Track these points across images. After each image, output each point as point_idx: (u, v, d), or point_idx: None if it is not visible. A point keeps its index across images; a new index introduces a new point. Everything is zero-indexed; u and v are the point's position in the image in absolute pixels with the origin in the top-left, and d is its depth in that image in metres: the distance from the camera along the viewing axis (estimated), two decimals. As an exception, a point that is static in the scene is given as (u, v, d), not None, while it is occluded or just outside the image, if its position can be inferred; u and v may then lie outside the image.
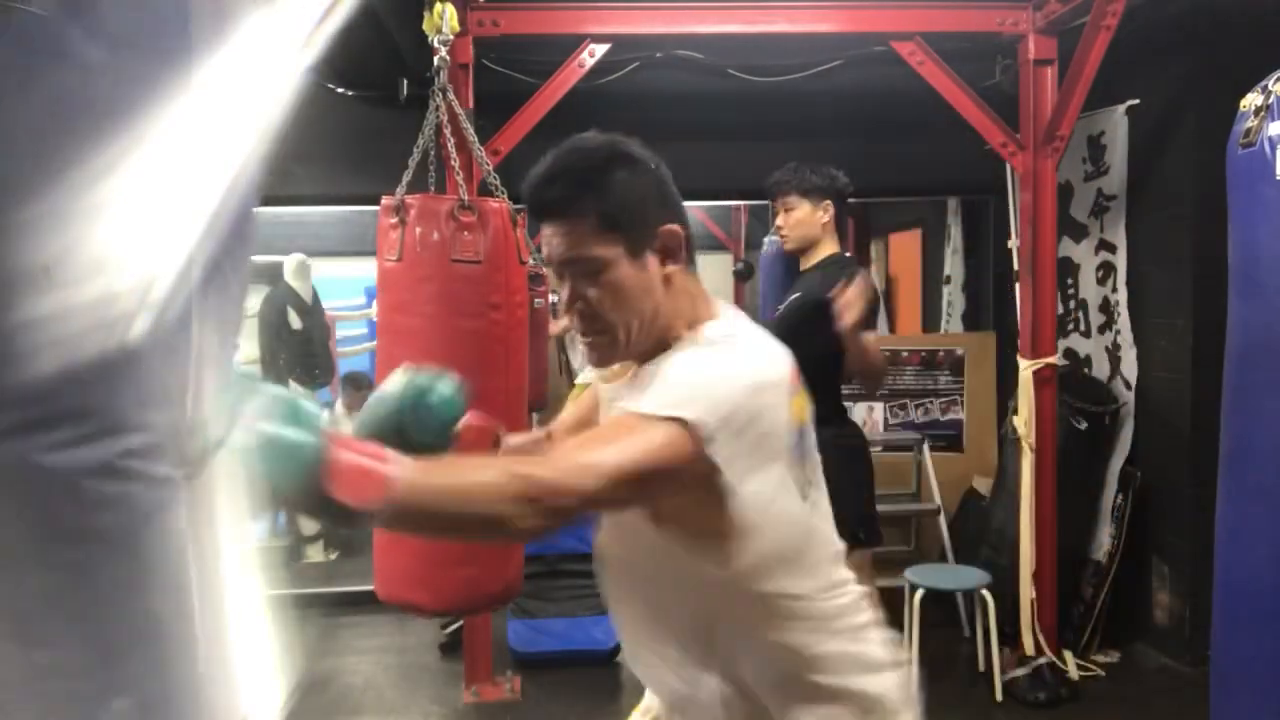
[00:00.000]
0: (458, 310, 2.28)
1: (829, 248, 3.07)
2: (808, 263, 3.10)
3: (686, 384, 1.18)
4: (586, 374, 5.72)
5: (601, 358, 1.31)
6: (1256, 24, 3.36)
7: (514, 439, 1.53)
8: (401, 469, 1.00)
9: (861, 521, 3.12)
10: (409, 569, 2.36)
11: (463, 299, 2.28)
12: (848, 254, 3.24)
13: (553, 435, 1.55)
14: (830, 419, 3.05)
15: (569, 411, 1.62)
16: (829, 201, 3.05)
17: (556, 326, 7.42)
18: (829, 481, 3.31)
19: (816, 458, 1.36)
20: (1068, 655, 3.84)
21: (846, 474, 3.09)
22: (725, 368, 1.22)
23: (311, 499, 0.97)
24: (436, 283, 2.28)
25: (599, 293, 1.24)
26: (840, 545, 1.39)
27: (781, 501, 1.24)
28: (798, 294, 3.03)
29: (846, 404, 3.26)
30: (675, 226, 1.29)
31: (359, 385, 6.51)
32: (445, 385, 1.32)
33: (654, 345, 1.28)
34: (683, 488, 1.17)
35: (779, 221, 3.09)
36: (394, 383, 1.32)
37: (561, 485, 1.08)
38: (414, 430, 1.27)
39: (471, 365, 2.32)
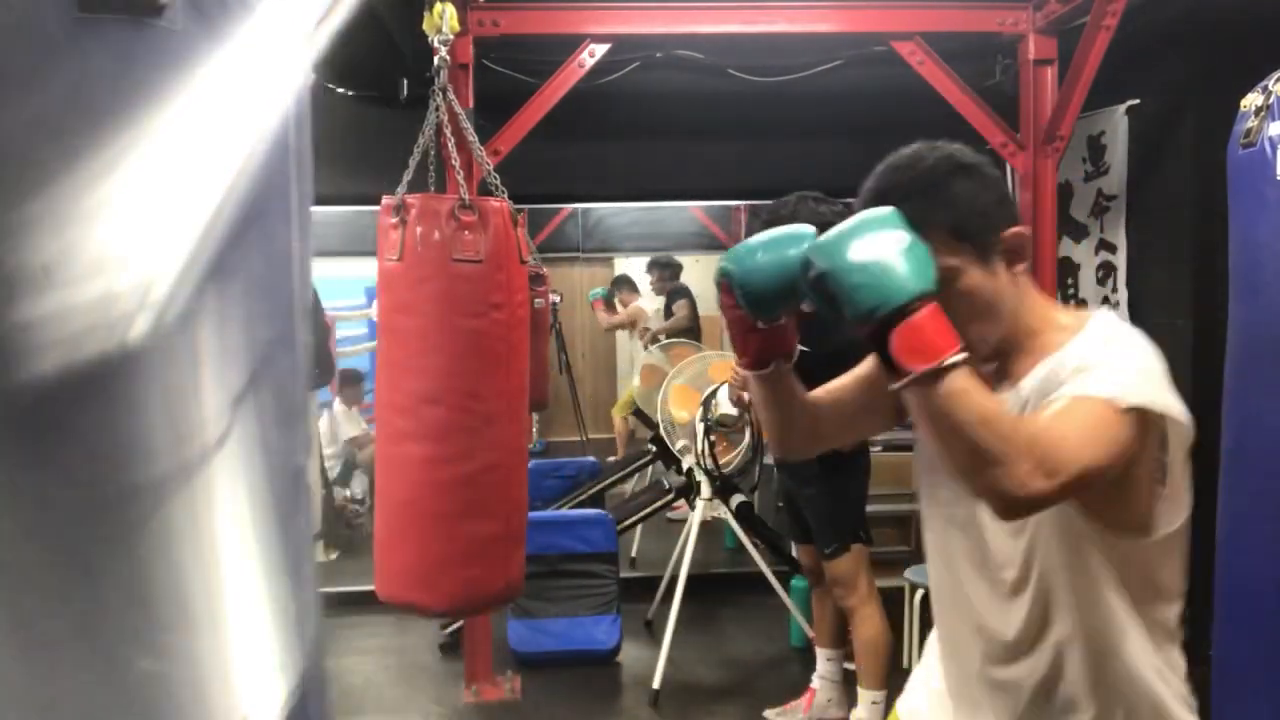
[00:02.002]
0: (459, 310, 2.28)
1: None
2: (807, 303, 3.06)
3: (1127, 368, 1.19)
4: (654, 354, 5.66)
5: None
6: (1256, 24, 3.36)
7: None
8: (964, 364, 1.05)
9: (862, 522, 3.15)
10: (409, 569, 2.35)
11: (464, 298, 2.28)
12: None
13: (820, 394, 1.52)
14: None
15: (834, 384, 1.54)
16: None
17: (607, 319, 7.34)
18: (846, 484, 3.31)
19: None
20: (1068, 655, 3.83)
21: (859, 477, 3.12)
22: (1145, 354, 1.24)
23: (875, 328, 1.06)
24: (438, 282, 2.28)
25: (953, 302, 1.20)
26: None
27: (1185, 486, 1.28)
28: (804, 349, 2.97)
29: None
30: (1019, 229, 1.29)
31: (354, 381, 6.52)
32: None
33: (1012, 346, 1.29)
34: (1135, 476, 1.19)
35: None
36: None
37: (1070, 460, 1.08)
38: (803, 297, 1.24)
39: (473, 365, 2.32)
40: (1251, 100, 2.01)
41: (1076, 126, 3.82)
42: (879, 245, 1.09)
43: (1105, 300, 4.24)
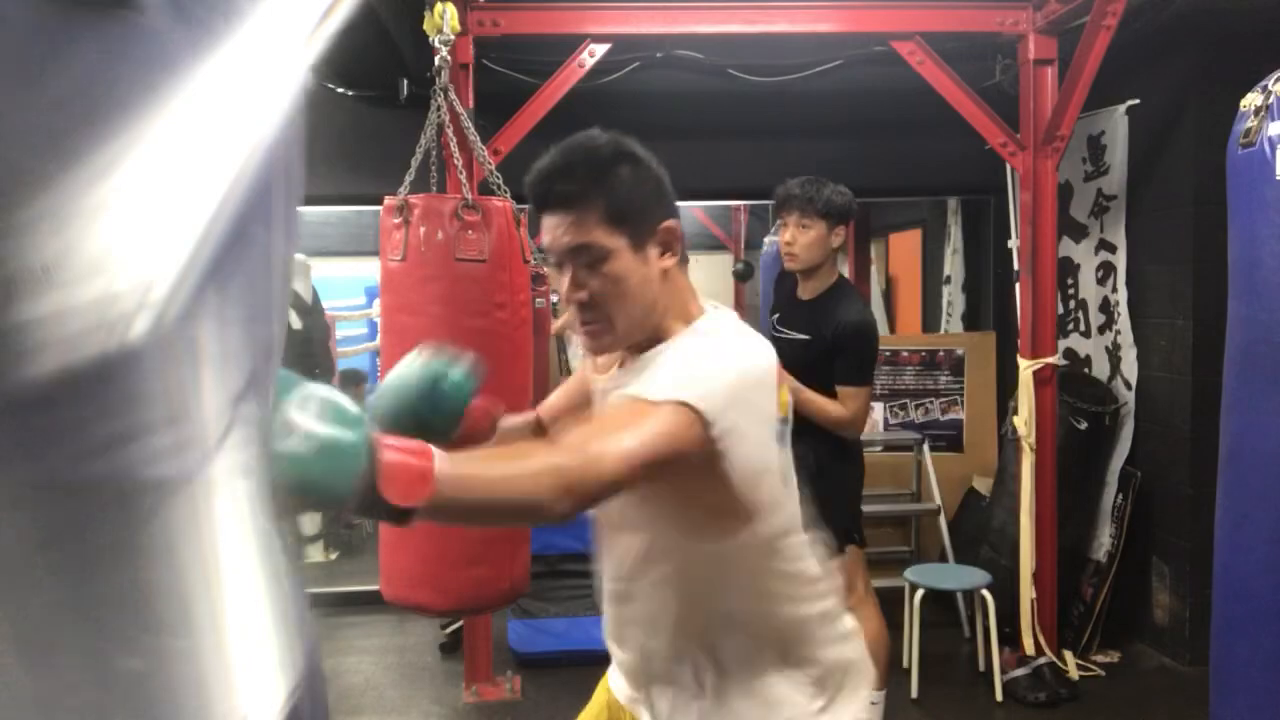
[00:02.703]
0: (463, 309, 2.28)
1: (830, 274, 3.01)
2: (810, 288, 3.04)
3: (688, 370, 1.25)
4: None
5: (599, 346, 1.38)
6: (1256, 24, 3.37)
7: (509, 420, 1.61)
8: (445, 465, 1.02)
9: (852, 520, 3.11)
10: (414, 569, 2.35)
11: (467, 298, 2.28)
12: (846, 278, 3.20)
13: (541, 418, 1.65)
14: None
15: (555, 396, 1.69)
16: (842, 227, 2.99)
17: (556, 325, 7.45)
18: (826, 479, 3.30)
19: (790, 450, 1.45)
20: (1068, 655, 3.84)
21: (841, 474, 3.08)
22: (721, 357, 1.30)
23: (361, 500, 0.97)
24: (441, 282, 2.28)
25: (601, 282, 1.30)
26: (807, 532, 1.49)
27: (770, 484, 1.34)
28: (806, 336, 2.97)
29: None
30: (674, 222, 1.36)
31: (356, 381, 6.52)
32: (459, 369, 1.39)
33: (649, 335, 1.35)
34: (688, 469, 1.22)
35: (787, 238, 2.98)
36: (410, 367, 1.39)
37: (589, 472, 1.13)
38: (430, 413, 1.35)
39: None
40: (1251, 100, 2.01)
41: (1076, 126, 3.82)
42: (309, 436, 0.94)
43: (1105, 300, 4.24)
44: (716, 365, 1.28)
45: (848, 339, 2.90)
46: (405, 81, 4.11)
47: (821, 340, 2.94)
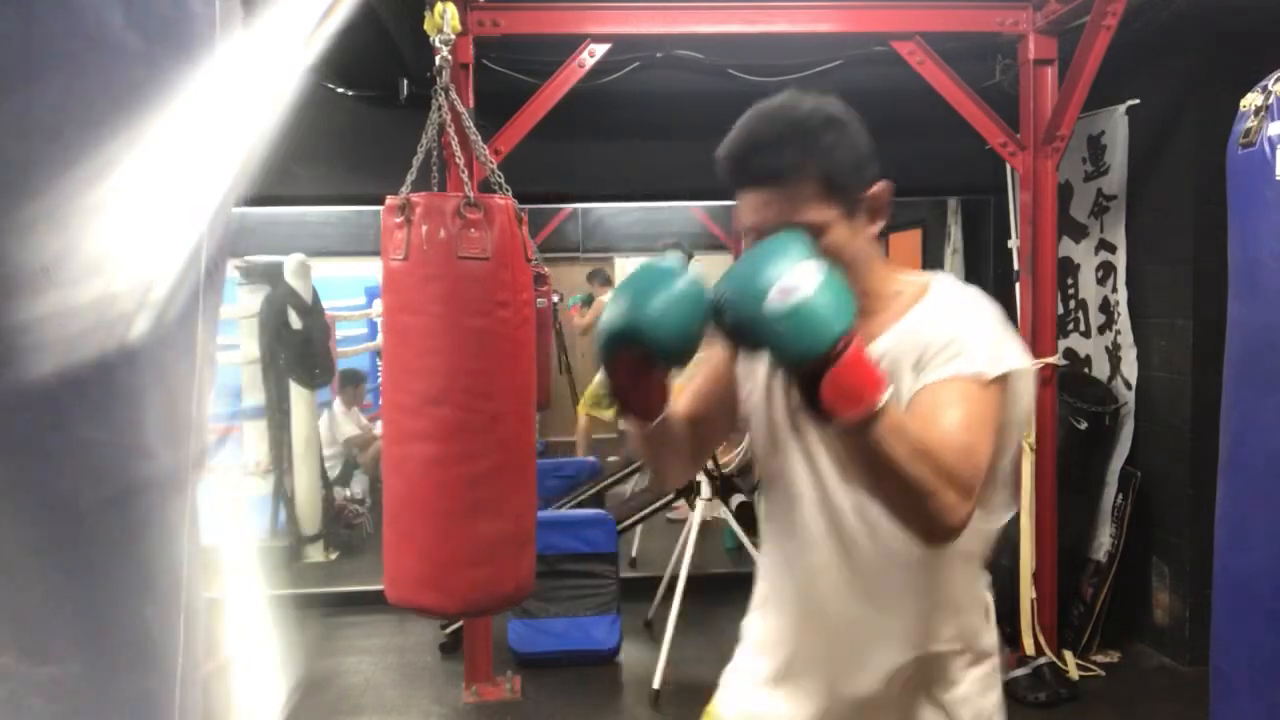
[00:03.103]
0: (465, 308, 2.27)
1: None
2: None
3: (989, 339, 1.21)
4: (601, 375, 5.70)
5: None
6: (1256, 24, 3.36)
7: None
8: (893, 400, 1.02)
9: None
10: (418, 571, 2.34)
11: (470, 297, 2.27)
12: None
13: (688, 416, 1.46)
14: None
15: (690, 393, 1.49)
16: None
17: (582, 322, 7.45)
18: None
19: None
20: (1068, 655, 3.84)
21: None
22: (998, 319, 1.26)
23: (804, 377, 1.01)
24: (443, 281, 2.27)
25: None
26: None
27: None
28: None
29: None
30: (884, 184, 1.26)
31: (356, 381, 6.52)
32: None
33: (866, 304, 1.25)
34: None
35: None
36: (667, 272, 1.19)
37: (976, 470, 1.10)
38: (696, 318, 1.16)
39: (480, 364, 2.31)
40: (1251, 100, 2.01)
41: (1076, 126, 3.82)
42: (794, 284, 1.02)
43: (1105, 300, 4.24)
44: (1003, 328, 1.24)
45: None
46: (405, 81, 4.11)
47: None
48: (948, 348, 1.19)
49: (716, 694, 1.54)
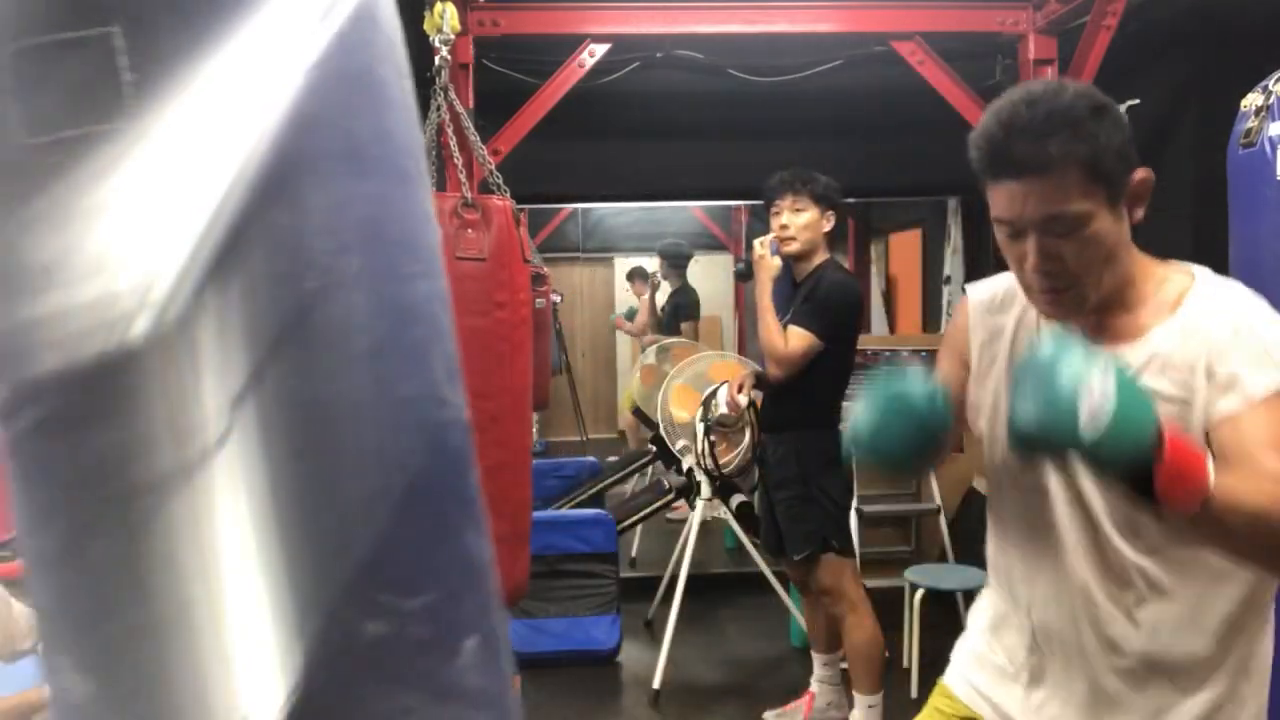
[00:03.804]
0: (462, 309, 2.25)
1: (823, 255, 3.09)
2: (801, 270, 3.10)
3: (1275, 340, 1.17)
4: (647, 356, 5.68)
5: (1067, 313, 1.25)
6: (1256, 24, 3.36)
7: None
8: (1213, 472, 1.01)
9: (834, 528, 3.10)
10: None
11: (467, 297, 2.27)
12: (838, 259, 3.25)
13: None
14: (824, 422, 3.06)
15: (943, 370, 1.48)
16: (833, 212, 3.07)
17: (637, 329, 7.47)
18: (809, 484, 3.32)
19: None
20: (1068, 655, 3.83)
21: (825, 479, 3.08)
22: (1274, 314, 1.21)
23: (1134, 476, 1.00)
24: (441, 281, 2.27)
25: (1077, 248, 1.17)
26: None
27: None
28: (807, 306, 3.04)
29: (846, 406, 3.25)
30: (1146, 172, 1.22)
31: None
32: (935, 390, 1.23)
33: (1120, 297, 1.24)
34: None
35: (785, 221, 3.06)
36: (900, 389, 1.22)
37: None
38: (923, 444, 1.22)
39: (477, 364, 2.31)
40: (1251, 100, 2.01)
41: (1076, 126, 3.82)
42: (1097, 402, 0.99)
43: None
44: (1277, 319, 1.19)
45: (820, 291, 2.97)
46: (405, 81, 4.10)
47: (814, 307, 3.00)
48: (1241, 351, 1.16)
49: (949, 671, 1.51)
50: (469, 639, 0.76)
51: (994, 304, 1.41)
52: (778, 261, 3.06)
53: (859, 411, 1.22)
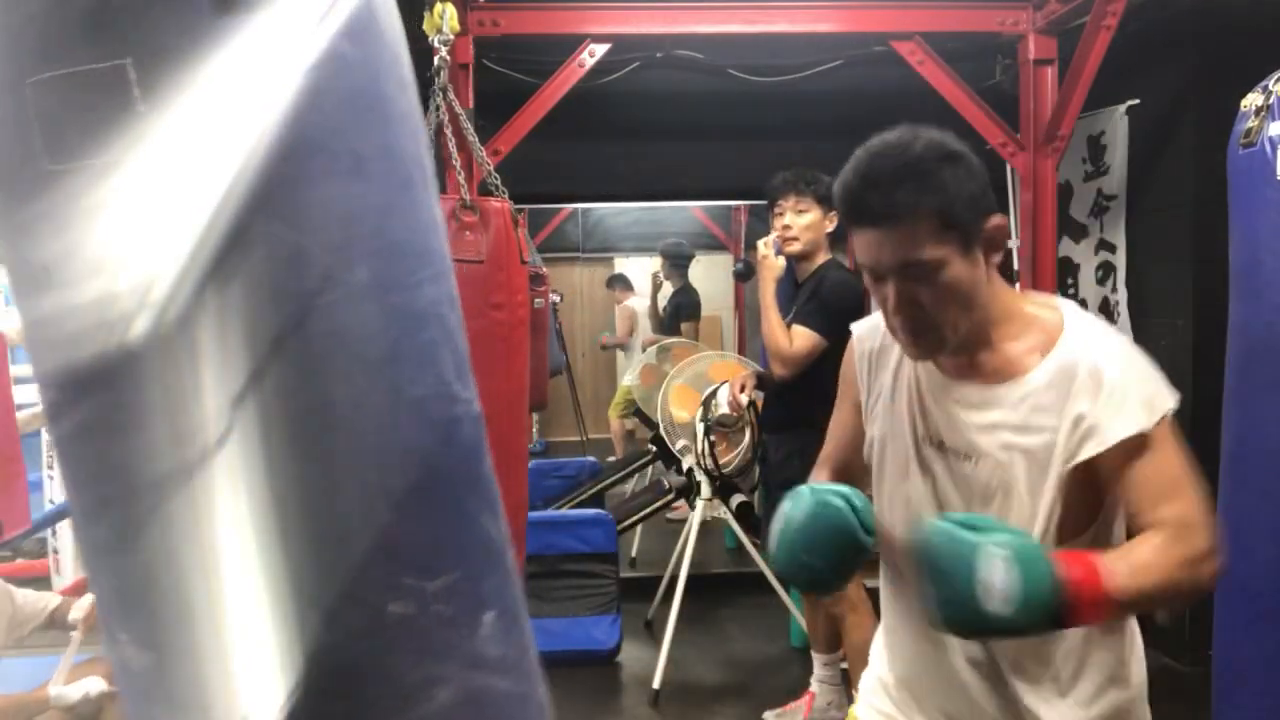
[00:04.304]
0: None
1: (825, 255, 3.09)
2: (806, 270, 3.10)
3: (1147, 372, 1.27)
4: (629, 378, 5.71)
5: (926, 355, 1.32)
6: (1256, 24, 3.36)
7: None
8: (1112, 577, 1.11)
9: None
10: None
11: (465, 299, 2.28)
12: (840, 259, 3.25)
13: (821, 475, 1.57)
14: (827, 421, 3.05)
15: (833, 444, 1.60)
16: (835, 212, 3.07)
17: (616, 339, 7.48)
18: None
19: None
20: (1068, 655, 3.83)
21: None
22: (1139, 356, 1.30)
23: (1048, 616, 1.07)
24: (438, 283, 2.28)
25: (933, 293, 1.23)
26: None
27: None
28: (810, 304, 3.04)
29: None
30: (1000, 218, 1.27)
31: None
32: (856, 494, 1.28)
33: (981, 338, 1.30)
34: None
35: (788, 221, 3.06)
36: (823, 509, 1.26)
37: (1204, 529, 1.20)
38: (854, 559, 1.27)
39: (474, 366, 2.32)
40: (1251, 100, 2.01)
41: (1076, 126, 3.82)
42: (999, 582, 1.06)
43: (1105, 300, 4.24)
44: (1141, 360, 1.28)
45: (824, 290, 2.97)
46: (405, 81, 4.10)
47: (816, 306, 3.00)
48: (1105, 405, 1.23)
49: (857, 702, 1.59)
50: (488, 613, 0.82)
51: (878, 344, 1.46)
52: (781, 262, 3.06)
53: (782, 528, 1.26)
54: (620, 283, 7.69)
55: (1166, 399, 1.25)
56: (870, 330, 1.47)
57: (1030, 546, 1.09)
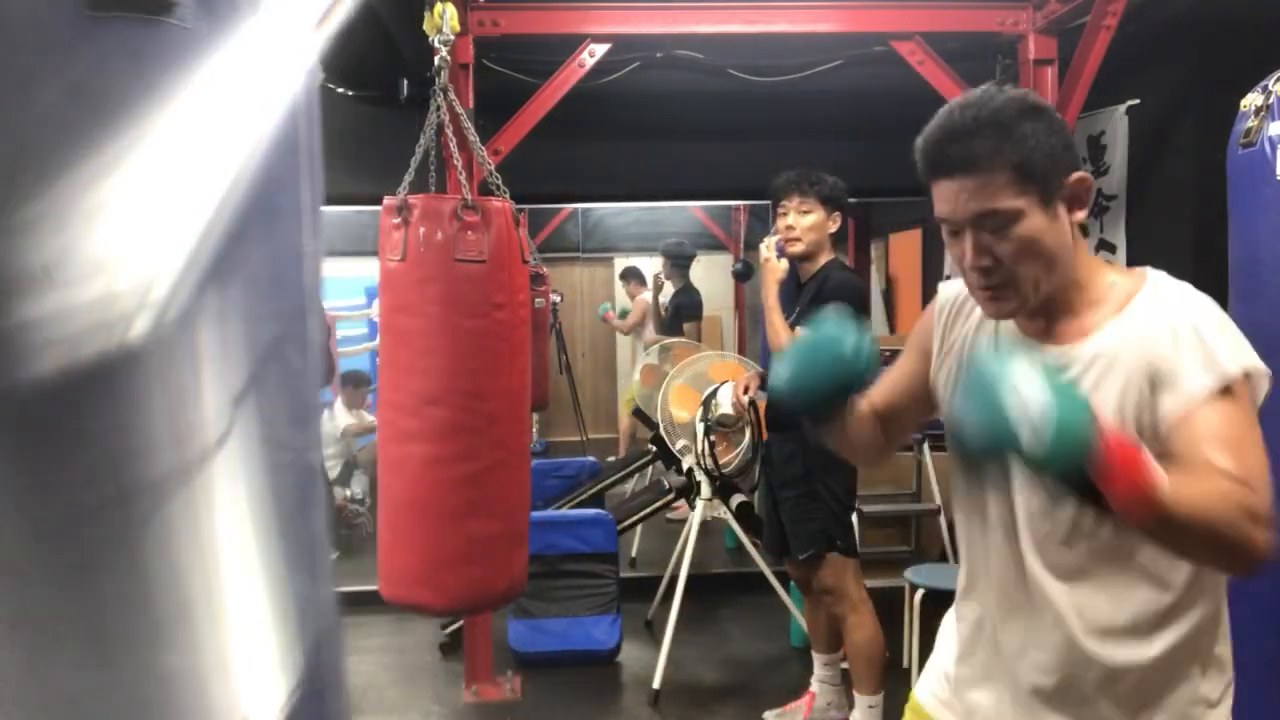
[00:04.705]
0: (461, 310, 2.28)
1: (828, 255, 3.08)
2: (809, 270, 3.10)
3: (1233, 338, 1.22)
4: (649, 355, 5.67)
5: (1004, 310, 1.29)
6: (1256, 24, 3.36)
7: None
8: (1156, 471, 1.02)
9: (838, 527, 3.10)
10: (413, 569, 2.35)
11: (467, 298, 2.28)
12: (842, 259, 3.25)
13: (876, 408, 1.50)
14: None
15: (888, 383, 1.52)
16: (839, 213, 3.06)
17: (625, 326, 7.46)
18: (812, 483, 3.34)
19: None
20: (1068, 655, 3.83)
21: (829, 479, 3.08)
22: (1221, 314, 1.26)
23: (1075, 478, 1.01)
24: (440, 283, 2.28)
25: (1010, 246, 1.21)
26: None
27: None
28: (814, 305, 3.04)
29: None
30: (1083, 174, 1.26)
31: (358, 383, 6.52)
32: (865, 333, 1.32)
33: (1064, 296, 1.27)
34: None
35: (790, 222, 3.05)
36: (823, 333, 1.34)
37: (1263, 498, 1.09)
38: (847, 383, 1.32)
39: (476, 365, 2.32)
40: (1251, 100, 2.01)
41: (1076, 126, 3.82)
42: (1035, 410, 1.00)
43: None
44: (1224, 319, 1.24)
45: (827, 290, 2.97)
46: (405, 81, 4.11)
47: (820, 307, 2.99)
48: (1182, 352, 1.18)
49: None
50: (293, 687, 0.74)
51: (959, 302, 1.44)
52: (784, 264, 3.06)
53: (789, 349, 1.33)
54: (634, 276, 7.67)
55: (1248, 355, 1.19)
56: (956, 289, 1.46)
57: (1074, 390, 1.05)
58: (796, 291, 3.12)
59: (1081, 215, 1.27)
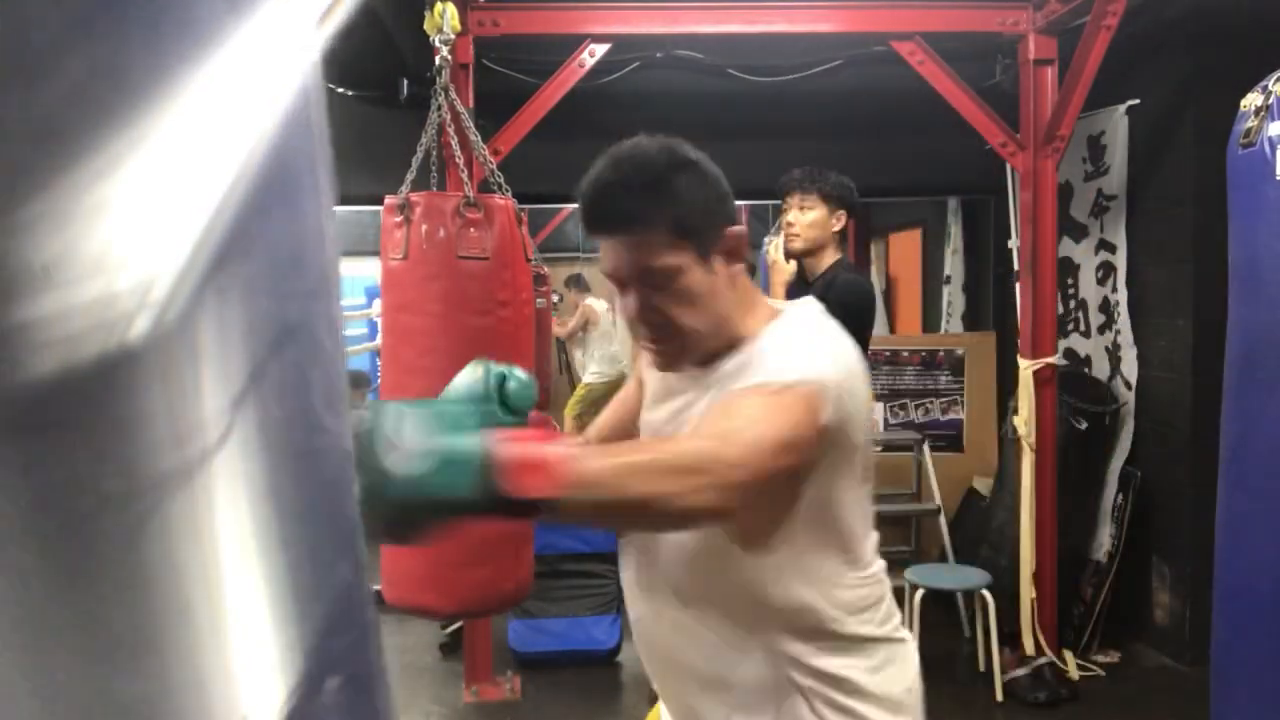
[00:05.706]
0: (465, 308, 2.27)
1: (834, 255, 3.07)
2: (814, 269, 3.10)
3: (800, 353, 1.18)
4: (589, 375, 5.71)
5: (669, 363, 1.29)
6: (1256, 24, 3.36)
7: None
8: (570, 451, 0.95)
9: None
10: (418, 571, 2.34)
11: (470, 296, 2.27)
12: (849, 260, 3.24)
13: (590, 441, 1.46)
14: None
15: (606, 416, 1.54)
16: (844, 212, 3.05)
17: (565, 329, 7.50)
18: None
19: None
20: (1068, 655, 3.84)
21: None
22: (826, 342, 1.23)
23: (488, 502, 0.91)
24: (443, 280, 2.27)
25: (670, 301, 1.21)
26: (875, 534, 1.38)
27: (851, 483, 1.25)
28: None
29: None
30: (738, 228, 1.26)
31: (359, 384, 6.53)
32: (521, 374, 1.25)
33: (724, 345, 1.26)
34: (811, 456, 1.14)
35: (790, 219, 3.06)
36: (471, 375, 1.26)
37: (734, 458, 1.04)
38: (494, 419, 1.18)
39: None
40: (1251, 100, 2.01)
41: (1076, 126, 3.82)
42: (419, 455, 0.90)
43: (1105, 300, 4.24)
44: (823, 349, 1.20)
45: (834, 290, 2.96)
46: (405, 81, 4.11)
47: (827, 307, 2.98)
48: (742, 373, 1.18)
49: None
50: (331, 679, 0.72)
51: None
52: (792, 266, 3.05)
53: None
54: (577, 284, 7.75)
55: (809, 370, 1.14)
56: None
57: (453, 405, 0.99)
58: (804, 291, 3.12)
59: (739, 267, 1.26)
